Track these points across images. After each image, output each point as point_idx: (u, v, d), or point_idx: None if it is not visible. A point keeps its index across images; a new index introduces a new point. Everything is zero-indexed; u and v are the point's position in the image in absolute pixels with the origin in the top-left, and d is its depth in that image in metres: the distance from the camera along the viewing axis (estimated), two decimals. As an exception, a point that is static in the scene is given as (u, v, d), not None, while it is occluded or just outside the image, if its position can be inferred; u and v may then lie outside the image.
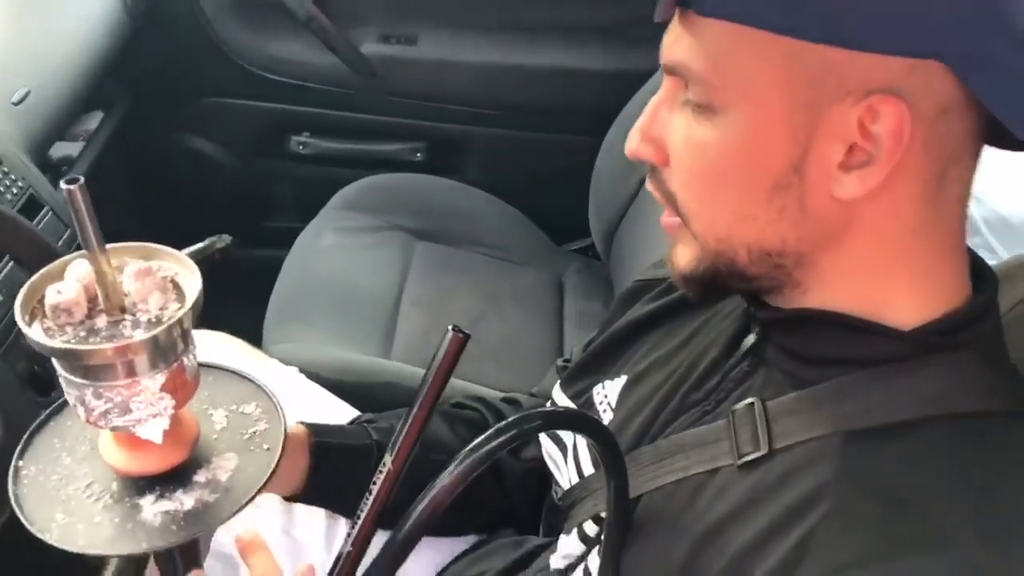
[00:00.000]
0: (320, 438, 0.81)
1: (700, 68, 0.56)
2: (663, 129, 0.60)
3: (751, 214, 0.58)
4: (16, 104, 1.26)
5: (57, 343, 0.51)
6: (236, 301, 1.44)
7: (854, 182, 0.55)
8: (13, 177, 1.15)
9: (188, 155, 1.88)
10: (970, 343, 0.60)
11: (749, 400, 0.63)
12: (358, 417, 0.88)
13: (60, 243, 1.16)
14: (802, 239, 0.58)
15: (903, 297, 0.59)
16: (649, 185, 0.63)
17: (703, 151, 0.58)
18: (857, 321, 0.60)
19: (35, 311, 0.53)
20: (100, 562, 1.09)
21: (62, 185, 0.48)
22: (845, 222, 0.57)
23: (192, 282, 0.54)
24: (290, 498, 0.82)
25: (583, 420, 0.62)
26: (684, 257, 0.62)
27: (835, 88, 0.53)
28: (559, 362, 0.93)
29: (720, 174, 0.58)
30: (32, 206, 1.16)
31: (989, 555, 0.52)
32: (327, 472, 0.80)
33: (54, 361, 0.53)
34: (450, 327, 0.55)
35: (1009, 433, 0.57)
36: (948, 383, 0.58)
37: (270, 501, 0.91)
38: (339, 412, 1.05)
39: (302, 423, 0.81)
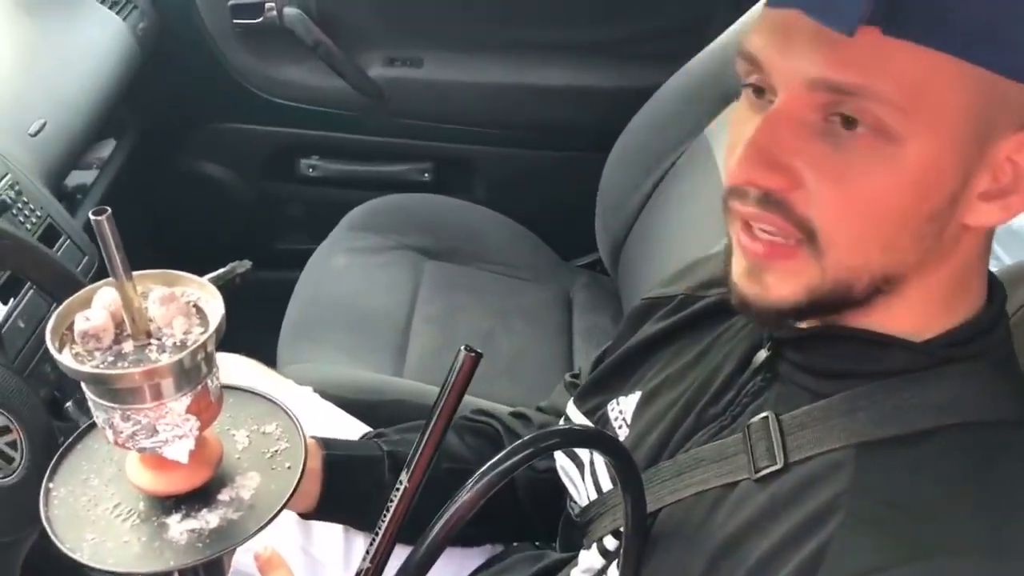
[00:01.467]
0: (331, 451, 0.82)
1: (891, 93, 0.52)
2: (789, 153, 0.55)
3: (899, 244, 0.57)
4: (33, 136, 1.29)
5: (87, 368, 0.53)
6: (250, 323, 1.45)
7: (994, 211, 0.56)
8: (32, 207, 1.18)
9: (199, 180, 1.91)
10: (981, 353, 0.61)
11: (764, 414, 0.64)
12: (367, 433, 0.89)
13: (78, 270, 1.19)
14: (915, 265, 0.58)
15: (920, 310, 0.60)
16: (746, 210, 0.58)
17: (872, 180, 0.54)
18: (872, 335, 0.61)
19: (64, 337, 0.55)
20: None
21: (90, 216, 0.50)
22: (951, 249, 0.58)
23: (215, 307, 0.56)
24: (305, 515, 0.83)
25: (600, 438, 0.63)
26: (788, 287, 0.58)
27: (1005, 120, 0.54)
28: (567, 377, 0.94)
29: (886, 205, 0.55)
30: (51, 234, 1.19)
31: (1001, 561, 0.53)
32: (339, 484, 0.81)
33: (83, 386, 0.55)
34: (463, 347, 0.56)
35: (1016, 442, 0.58)
36: (959, 393, 0.59)
37: (288, 520, 0.93)
38: (353, 430, 1.07)
39: (313, 437, 0.82)
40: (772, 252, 0.58)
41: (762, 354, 0.67)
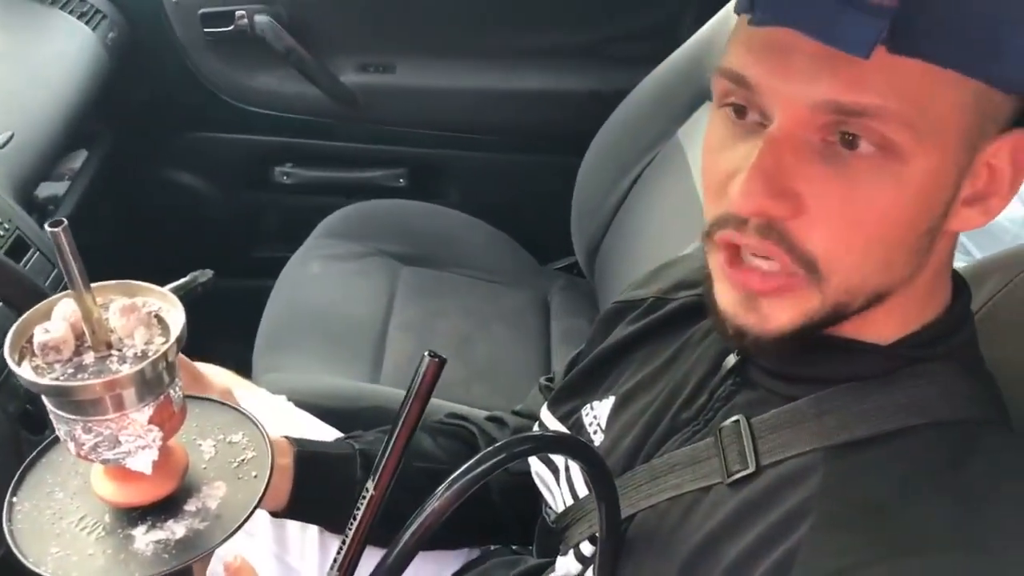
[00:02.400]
0: (302, 448, 0.82)
1: (901, 110, 0.51)
2: (792, 178, 0.54)
3: (897, 261, 0.56)
4: (0, 148, 1.28)
5: (46, 380, 0.52)
6: (224, 332, 1.46)
7: (975, 215, 0.56)
8: (0, 220, 1.17)
9: (173, 189, 1.90)
10: (947, 354, 0.61)
11: (735, 418, 0.64)
12: (341, 437, 0.89)
13: (47, 283, 1.18)
14: (908, 277, 0.58)
15: (896, 316, 0.60)
16: (745, 239, 0.56)
17: (877, 199, 0.53)
18: (840, 341, 0.61)
19: (24, 350, 0.54)
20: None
21: (46, 228, 0.50)
22: (931, 256, 0.58)
23: (176, 316, 0.55)
24: (276, 514, 0.82)
25: (573, 444, 0.62)
26: (787, 314, 0.57)
27: (990, 128, 0.54)
28: (542, 381, 0.94)
29: (890, 223, 0.54)
30: (19, 247, 1.18)
31: (970, 560, 0.53)
32: (311, 482, 0.81)
33: (44, 398, 0.54)
34: (426, 353, 0.56)
35: (982, 440, 0.59)
36: (924, 394, 0.60)
37: (262, 527, 0.92)
38: (328, 438, 1.06)
39: (284, 436, 0.82)
40: (767, 286, 0.57)
41: (731, 359, 0.68)
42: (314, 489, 0.81)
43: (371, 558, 0.59)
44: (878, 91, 0.51)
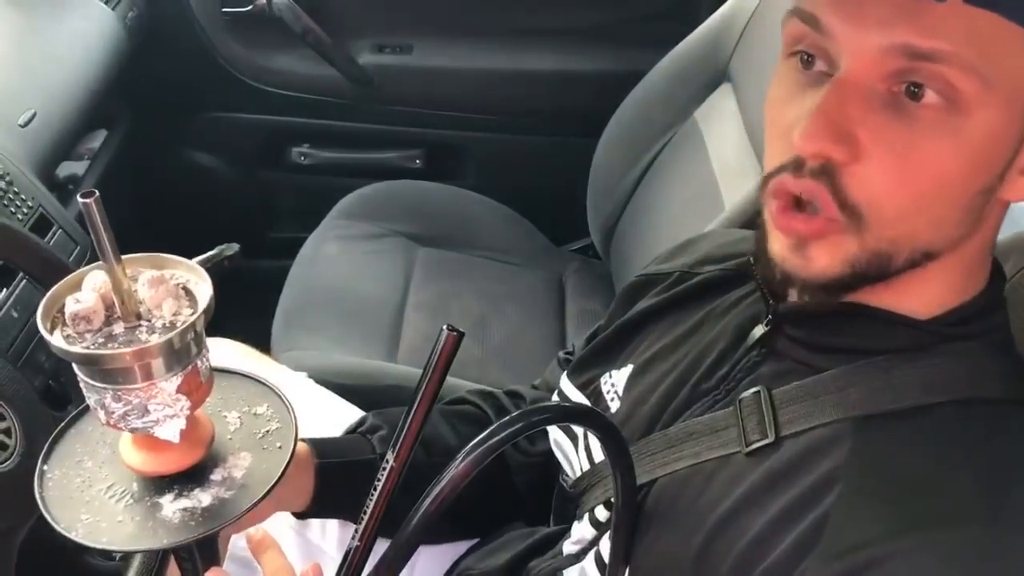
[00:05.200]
0: (323, 459, 0.80)
1: (973, 58, 0.51)
2: (855, 123, 0.54)
3: (948, 219, 0.56)
4: (23, 126, 1.29)
5: (78, 349, 0.53)
6: (244, 311, 1.46)
7: None
8: (24, 197, 1.18)
9: (191, 169, 1.91)
10: (980, 333, 0.61)
11: (755, 388, 0.65)
12: (363, 417, 0.89)
13: (70, 259, 1.19)
14: (958, 240, 0.58)
15: (937, 288, 0.60)
16: (799, 184, 0.56)
17: (936, 152, 0.53)
18: (877, 312, 0.61)
19: (55, 320, 0.55)
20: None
21: (78, 199, 0.51)
22: (982, 225, 0.58)
23: (203, 288, 0.57)
24: (299, 515, 0.83)
25: (588, 413, 0.63)
26: (828, 258, 0.57)
27: None
28: (561, 354, 0.95)
29: (946, 178, 0.54)
30: (42, 224, 1.19)
31: (997, 533, 0.54)
32: (333, 491, 0.81)
33: (75, 367, 0.55)
34: (444, 326, 0.57)
35: (1012, 419, 0.59)
36: (955, 372, 0.60)
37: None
38: (348, 415, 1.07)
39: (305, 440, 0.81)
40: (811, 228, 0.57)
41: (759, 329, 0.67)
42: (337, 496, 0.81)
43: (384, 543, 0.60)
44: (951, 38, 0.51)
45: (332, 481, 0.80)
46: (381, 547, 0.60)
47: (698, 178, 1.35)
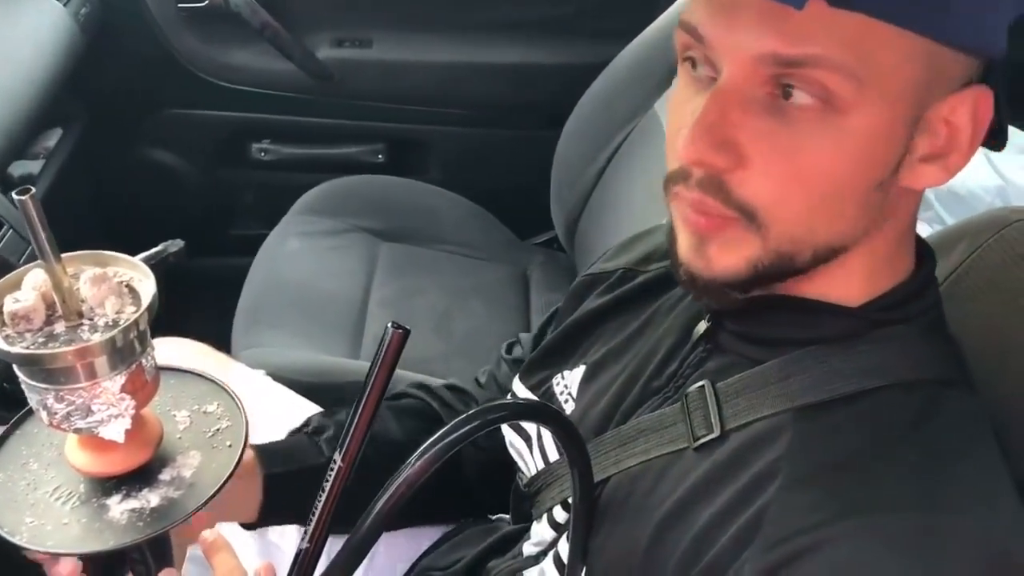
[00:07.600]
0: (271, 470, 0.79)
1: (844, 59, 0.51)
2: (734, 129, 0.55)
3: (845, 215, 0.57)
4: (-29, 124, 1.26)
5: (17, 349, 0.52)
6: (203, 309, 1.45)
7: (935, 172, 0.57)
8: (-29, 197, 1.16)
9: (149, 167, 1.88)
10: (912, 316, 0.62)
11: (700, 383, 0.65)
12: (309, 418, 0.88)
13: (21, 260, 1.17)
14: (861, 234, 0.59)
15: (860, 277, 0.61)
16: (690, 195, 0.57)
17: (818, 152, 0.54)
18: (807, 303, 0.62)
19: (-6, 321, 0.54)
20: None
21: (14, 196, 0.50)
22: (891, 214, 0.59)
23: (147, 286, 0.56)
24: (247, 526, 0.82)
25: (544, 411, 0.62)
26: (730, 258, 0.58)
27: (942, 86, 0.55)
28: (503, 353, 0.95)
29: (833, 177, 0.55)
30: (-9, 225, 1.17)
31: (935, 515, 0.54)
32: (282, 500, 0.80)
33: (16, 368, 0.54)
34: (389, 324, 0.56)
35: (944, 400, 0.60)
36: (887, 356, 0.60)
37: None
38: (305, 413, 1.06)
39: (252, 447, 0.79)
40: (711, 224, 0.58)
41: (702, 325, 0.68)
42: (285, 505, 0.80)
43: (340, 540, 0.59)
44: (818, 42, 0.51)
45: (281, 490, 0.79)
46: (335, 543, 0.59)
47: (659, 169, 1.33)
